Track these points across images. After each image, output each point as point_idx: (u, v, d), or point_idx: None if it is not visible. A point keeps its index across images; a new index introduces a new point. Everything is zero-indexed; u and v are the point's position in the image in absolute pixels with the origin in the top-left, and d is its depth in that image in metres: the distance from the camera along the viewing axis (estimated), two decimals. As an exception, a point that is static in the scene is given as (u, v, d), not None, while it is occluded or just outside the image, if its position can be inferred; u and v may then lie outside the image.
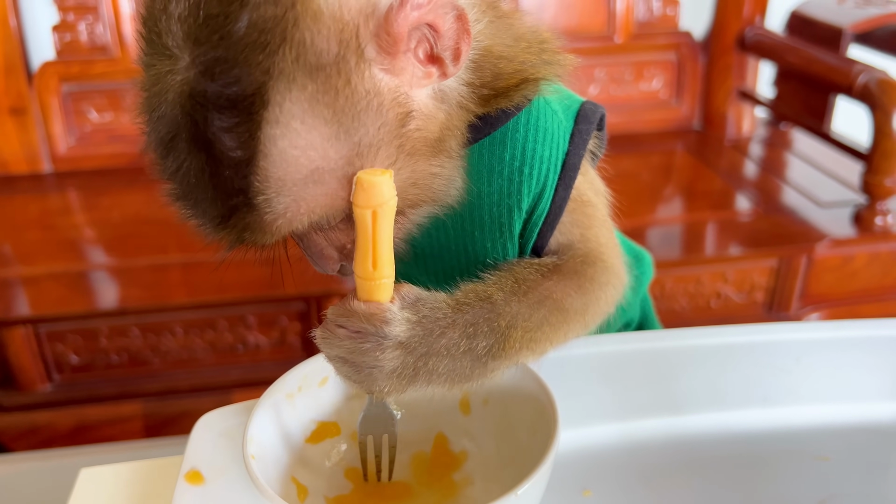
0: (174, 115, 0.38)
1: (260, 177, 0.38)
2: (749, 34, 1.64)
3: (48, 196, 1.47)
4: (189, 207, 0.41)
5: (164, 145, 0.39)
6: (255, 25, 0.37)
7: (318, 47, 0.38)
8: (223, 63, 0.37)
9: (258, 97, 0.37)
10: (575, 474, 0.52)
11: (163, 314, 1.20)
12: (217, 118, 0.37)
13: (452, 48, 0.41)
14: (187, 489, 0.44)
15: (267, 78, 0.37)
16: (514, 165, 0.48)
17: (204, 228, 0.41)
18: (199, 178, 0.39)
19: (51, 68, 1.49)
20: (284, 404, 0.48)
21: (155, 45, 0.39)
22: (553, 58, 0.48)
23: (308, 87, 0.38)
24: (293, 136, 0.38)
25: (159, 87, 0.39)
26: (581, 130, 0.50)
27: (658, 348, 0.58)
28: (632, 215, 0.57)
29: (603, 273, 0.51)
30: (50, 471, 0.66)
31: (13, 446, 1.19)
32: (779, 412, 0.59)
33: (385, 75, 0.40)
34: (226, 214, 0.40)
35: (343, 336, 0.41)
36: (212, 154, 0.38)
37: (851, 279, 1.38)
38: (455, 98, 0.43)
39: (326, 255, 0.45)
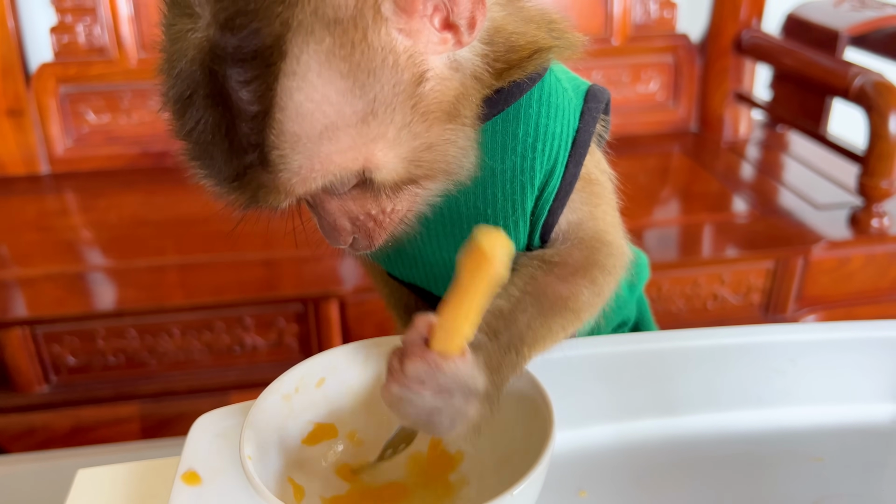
0: (192, 71, 0.38)
1: (275, 131, 0.38)
2: (746, 37, 1.65)
3: (45, 197, 1.47)
4: (204, 166, 0.41)
5: (182, 102, 0.39)
6: None
7: (337, 1, 0.38)
8: (243, 15, 0.37)
9: (276, 49, 0.37)
10: (570, 475, 0.52)
11: (160, 315, 1.20)
12: (235, 72, 0.37)
13: (468, 17, 0.41)
14: (184, 490, 0.44)
15: (285, 30, 0.37)
16: (527, 142, 0.49)
17: (218, 188, 0.41)
18: (214, 135, 0.39)
19: (48, 70, 1.49)
20: (281, 405, 0.48)
21: (178, 5, 0.39)
22: (562, 35, 0.49)
23: (325, 41, 0.38)
24: (309, 90, 0.38)
25: (179, 46, 0.39)
26: (591, 108, 0.51)
27: (654, 349, 0.58)
28: (628, 217, 0.57)
29: (609, 257, 0.52)
30: (47, 472, 0.66)
31: (10, 447, 1.19)
32: (774, 413, 0.59)
33: (401, 35, 0.40)
34: (240, 172, 0.40)
35: (429, 395, 0.40)
36: (229, 109, 0.38)
37: (847, 281, 1.38)
38: (469, 68, 0.44)
39: (339, 226, 0.45)
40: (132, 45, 1.51)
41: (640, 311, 0.70)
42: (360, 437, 0.51)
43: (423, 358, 0.41)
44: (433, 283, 0.57)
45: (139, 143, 1.56)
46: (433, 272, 0.55)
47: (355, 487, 0.49)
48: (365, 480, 0.49)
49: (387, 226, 0.46)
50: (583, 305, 0.50)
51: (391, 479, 0.50)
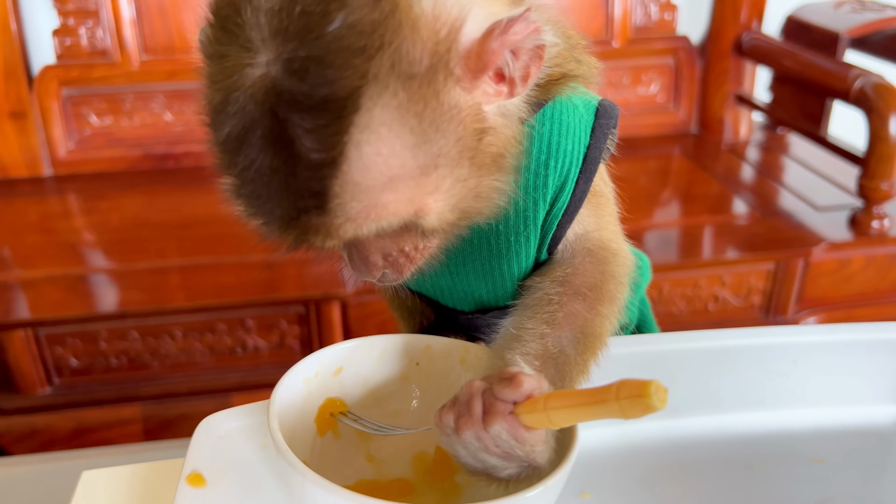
0: (252, 110, 0.37)
1: (339, 181, 0.37)
2: (746, 39, 1.65)
3: (48, 200, 1.48)
4: (253, 206, 0.40)
5: (236, 140, 0.38)
6: (353, 28, 0.36)
7: (413, 57, 0.37)
8: (317, 63, 0.36)
9: (350, 101, 0.36)
10: (573, 477, 0.53)
11: (162, 317, 1.20)
12: (302, 118, 0.36)
13: (523, 69, 0.41)
14: (189, 492, 0.45)
15: (362, 83, 0.36)
16: (540, 159, 0.49)
17: (267, 228, 0.40)
18: (270, 178, 0.38)
19: (51, 72, 1.50)
20: (301, 387, 0.48)
21: (232, 36, 0.38)
22: (581, 56, 0.49)
23: (399, 95, 0.37)
24: (379, 143, 0.37)
25: (234, 81, 0.37)
26: (602, 125, 0.51)
27: (655, 351, 0.58)
28: (629, 219, 0.58)
29: (618, 266, 0.52)
30: (50, 474, 0.67)
31: (12, 449, 1.19)
32: (775, 415, 0.59)
33: (465, 92, 0.40)
34: (294, 216, 0.39)
35: (495, 458, 0.41)
36: (290, 153, 0.37)
37: (848, 283, 1.39)
38: (515, 113, 0.44)
39: (371, 262, 0.45)
40: (134, 48, 1.52)
41: (642, 313, 0.71)
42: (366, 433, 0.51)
43: (511, 425, 0.40)
44: (440, 294, 0.58)
45: (141, 145, 1.57)
46: (440, 284, 0.56)
47: (362, 481, 0.49)
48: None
49: (417, 260, 0.46)
50: (608, 328, 0.50)
51: (398, 475, 0.50)
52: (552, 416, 0.39)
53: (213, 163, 0.41)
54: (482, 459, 0.41)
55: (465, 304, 0.57)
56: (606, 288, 0.51)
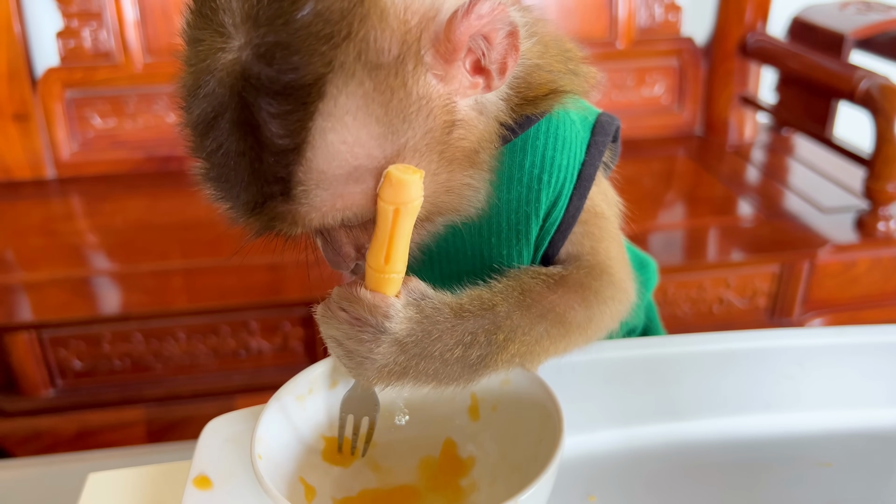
0: (221, 93, 0.38)
1: (303, 168, 0.38)
2: (751, 40, 1.65)
3: (51, 202, 1.48)
4: (221, 189, 0.40)
5: (205, 123, 0.39)
6: (321, 15, 0.36)
7: (381, 46, 0.38)
8: (284, 48, 0.36)
9: (315, 88, 0.37)
10: (580, 480, 0.52)
11: (165, 320, 1.20)
12: (268, 103, 0.37)
13: (500, 62, 0.41)
14: (196, 494, 0.45)
15: (327, 70, 0.37)
16: (533, 173, 0.49)
17: (233, 212, 0.41)
18: (237, 162, 0.38)
19: (54, 74, 1.50)
20: (294, 406, 0.48)
21: (208, 20, 0.38)
22: (578, 68, 0.49)
23: (365, 84, 0.38)
24: (343, 132, 0.38)
25: (207, 64, 0.38)
26: (598, 142, 0.50)
27: (662, 354, 0.58)
28: (634, 221, 0.57)
29: (609, 287, 0.51)
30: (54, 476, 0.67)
31: (16, 451, 1.19)
32: (782, 418, 0.59)
33: (437, 82, 0.40)
34: (259, 201, 0.39)
35: (343, 320, 0.42)
36: (257, 138, 0.38)
37: (853, 285, 1.38)
38: (493, 111, 0.44)
39: (345, 253, 0.45)
40: (138, 50, 1.52)
41: (649, 316, 0.70)
42: (372, 440, 0.51)
43: (349, 285, 0.42)
44: None
45: (144, 147, 1.57)
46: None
47: (366, 490, 0.49)
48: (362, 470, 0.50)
49: None
50: (572, 319, 0.49)
51: (403, 482, 0.50)
52: (368, 260, 0.41)
53: (185, 145, 0.41)
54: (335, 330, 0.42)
55: None
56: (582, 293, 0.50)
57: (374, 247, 0.40)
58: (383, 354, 0.42)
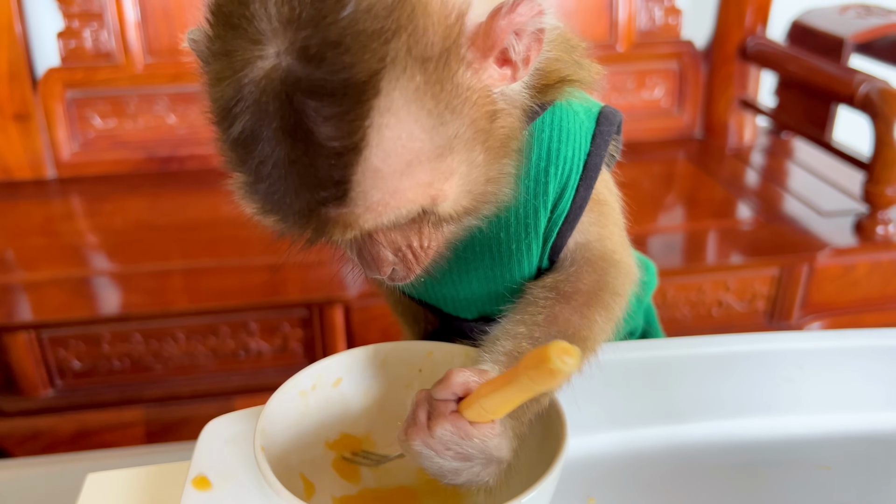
0: (264, 102, 0.36)
1: (360, 168, 0.37)
2: (751, 43, 1.65)
3: (51, 202, 1.48)
4: (269, 202, 0.39)
5: (250, 136, 0.37)
6: (368, 12, 0.36)
7: (428, 40, 0.37)
8: (334, 47, 0.35)
9: (371, 84, 0.36)
10: (579, 482, 0.52)
11: (165, 320, 1.20)
12: (319, 105, 0.36)
13: (525, 54, 0.41)
14: (195, 495, 0.45)
15: (381, 66, 0.36)
16: (540, 166, 0.49)
17: (284, 224, 0.40)
18: (287, 171, 0.37)
19: (55, 75, 1.50)
20: (298, 401, 0.48)
21: (239, 31, 0.37)
22: (582, 60, 0.49)
23: (416, 78, 0.37)
24: (398, 127, 0.37)
25: (244, 75, 0.37)
26: (602, 132, 0.51)
27: (662, 357, 0.58)
28: (633, 223, 0.57)
29: (620, 276, 0.52)
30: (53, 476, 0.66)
31: (15, 452, 1.19)
32: (782, 421, 0.59)
33: (474, 74, 0.40)
34: (313, 208, 0.38)
35: (451, 458, 0.41)
36: (309, 143, 0.36)
37: (852, 288, 1.38)
38: (519, 100, 0.44)
39: (382, 258, 0.44)
40: (139, 51, 1.52)
41: (648, 319, 0.70)
42: (373, 439, 0.51)
43: (454, 424, 0.40)
44: (443, 302, 0.57)
45: (145, 147, 1.57)
46: (443, 292, 0.55)
47: (366, 489, 0.49)
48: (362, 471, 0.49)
49: (424, 259, 0.46)
50: (597, 334, 0.50)
51: (401, 483, 0.50)
52: (484, 404, 0.39)
53: (223, 161, 0.40)
54: (440, 465, 0.41)
55: (468, 312, 0.57)
56: (599, 296, 0.50)
57: (500, 400, 0.39)
58: (490, 475, 0.42)
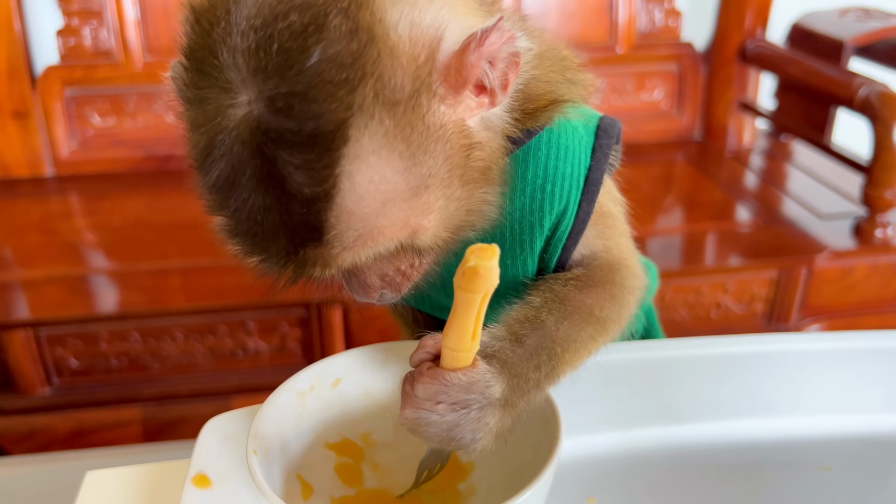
0: (238, 151, 0.37)
1: (334, 213, 0.38)
2: (750, 46, 1.65)
3: (49, 200, 1.47)
4: (249, 245, 0.40)
5: (226, 183, 0.38)
6: (332, 60, 0.36)
7: (395, 83, 0.37)
8: (300, 98, 0.36)
9: (339, 133, 0.36)
10: (579, 482, 0.52)
11: (163, 319, 1.20)
12: (290, 154, 0.36)
13: (501, 79, 0.41)
14: (195, 493, 0.44)
15: (349, 114, 0.36)
16: (536, 183, 0.49)
17: (265, 264, 0.41)
18: (264, 216, 0.38)
19: (54, 72, 1.49)
20: (295, 402, 0.48)
21: (210, 78, 0.38)
22: (575, 77, 0.49)
23: (385, 123, 0.37)
24: (370, 171, 0.38)
25: (217, 123, 0.37)
26: (602, 145, 0.50)
27: (662, 357, 0.58)
28: (632, 225, 0.57)
29: (629, 277, 0.52)
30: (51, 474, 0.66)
31: (12, 450, 1.18)
32: (781, 422, 0.59)
33: (448, 109, 0.40)
34: (290, 250, 0.39)
35: (444, 411, 0.40)
36: (282, 190, 0.37)
37: (851, 291, 1.38)
38: (499, 125, 0.44)
39: (369, 284, 0.45)
40: (138, 49, 1.52)
41: (648, 321, 0.70)
42: (373, 439, 0.51)
43: (431, 376, 0.41)
44: (437, 310, 0.58)
45: (144, 146, 1.57)
46: (438, 301, 0.55)
47: (364, 490, 0.49)
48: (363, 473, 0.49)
49: (413, 277, 0.46)
50: (608, 316, 0.49)
51: (401, 483, 0.50)
52: (448, 343, 0.40)
53: (205, 205, 0.41)
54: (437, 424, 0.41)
55: None
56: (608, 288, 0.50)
57: (456, 330, 0.39)
58: (498, 420, 0.42)
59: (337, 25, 0.36)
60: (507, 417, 0.42)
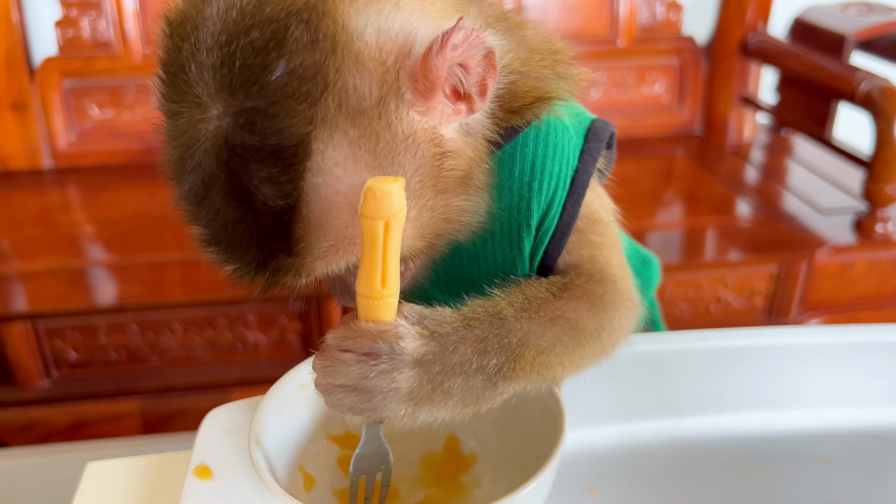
0: (208, 165, 0.38)
1: (301, 225, 0.38)
2: (752, 40, 1.65)
3: (48, 192, 1.47)
4: (223, 254, 0.40)
5: (198, 195, 0.39)
6: (294, 74, 0.36)
7: (360, 92, 0.37)
8: (262, 114, 0.36)
9: (301, 147, 0.36)
10: (582, 475, 0.52)
11: (162, 312, 1.19)
12: (257, 168, 0.36)
13: (479, 84, 0.41)
14: (196, 484, 0.44)
15: (310, 128, 0.36)
16: (523, 181, 0.48)
17: (239, 273, 0.41)
18: (235, 227, 0.38)
19: (52, 64, 1.49)
20: (296, 394, 0.48)
21: (182, 93, 0.38)
22: (567, 71, 0.48)
23: (350, 133, 0.37)
24: (335, 183, 0.38)
25: (189, 137, 0.38)
26: (591, 148, 0.49)
27: (665, 350, 0.58)
28: (632, 220, 0.56)
29: (615, 294, 0.49)
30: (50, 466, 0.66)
31: (10, 441, 1.18)
32: (784, 416, 0.59)
33: (420, 116, 0.39)
34: (262, 260, 0.39)
35: (351, 360, 0.38)
36: (250, 203, 0.37)
37: (851, 286, 1.38)
38: (480, 130, 0.43)
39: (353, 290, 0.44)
40: (137, 41, 1.51)
41: (651, 314, 0.70)
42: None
43: (343, 325, 0.39)
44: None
45: (142, 138, 1.56)
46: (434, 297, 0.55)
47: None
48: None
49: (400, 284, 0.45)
50: (583, 327, 0.46)
51: (404, 476, 0.50)
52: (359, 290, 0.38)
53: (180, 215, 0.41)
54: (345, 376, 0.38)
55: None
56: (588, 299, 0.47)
57: (365, 273, 0.37)
58: (407, 379, 0.39)
59: (298, 38, 0.36)
60: (422, 384, 0.39)
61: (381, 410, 0.39)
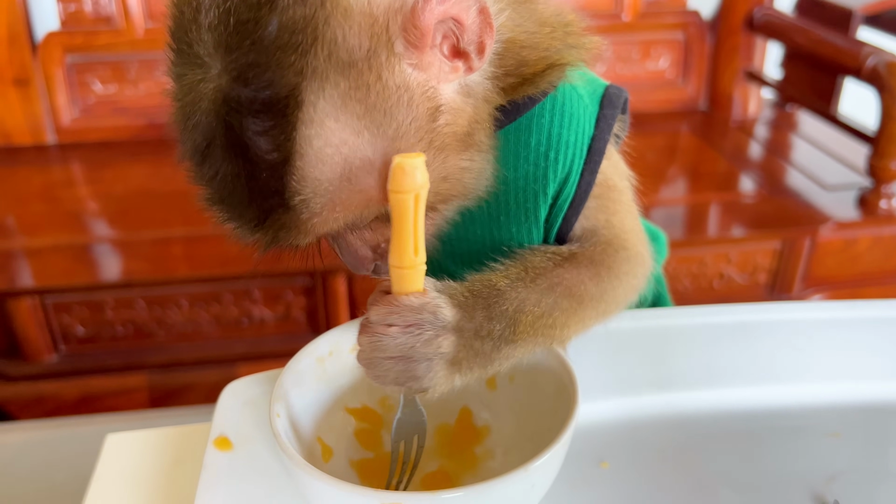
0: (208, 122, 0.38)
1: (296, 177, 0.39)
2: (758, 14, 1.64)
3: (52, 168, 1.47)
4: (225, 212, 0.41)
5: (200, 153, 0.40)
6: (285, 27, 0.37)
7: (350, 43, 0.38)
8: (255, 67, 0.37)
9: (292, 99, 0.37)
10: (593, 446, 0.53)
11: (168, 287, 1.20)
12: (251, 122, 0.37)
13: (476, 42, 0.41)
14: (217, 455, 0.45)
15: (300, 79, 0.37)
16: (539, 151, 0.48)
17: (240, 231, 0.42)
18: (235, 183, 0.39)
19: (55, 39, 1.48)
20: (315, 367, 0.48)
21: (185, 55, 0.39)
22: (578, 41, 0.48)
23: (341, 85, 0.38)
24: (327, 135, 0.38)
25: (192, 97, 0.39)
26: (606, 115, 0.50)
27: (672, 325, 0.59)
28: (637, 195, 0.57)
29: (625, 262, 0.51)
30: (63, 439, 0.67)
31: (19, 415, 1.19)
32: (789, 389, 0.60)
33: (413, 70, 0.40)
34: (262, 217, 0.40)
35: (397, 333, 0.41)
36: (248, 158, 0.38)
37: (854, 262, 1.39)
38: (481, 92, 0.44)
39: (361, 255, 0.45)
40: (139, 15, 1.50)
41: (657, 289, 0.71)
42: (390, 403, 0.51)
43: (382, 300, 0.41)
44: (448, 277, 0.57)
45: (146, 114, 1.55)
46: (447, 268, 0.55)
47: (383, 453, 0.49)
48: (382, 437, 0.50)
49: None
50: (584, 293, 0.48)
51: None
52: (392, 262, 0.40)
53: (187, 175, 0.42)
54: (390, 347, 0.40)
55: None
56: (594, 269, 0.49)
57: (397, 245, 0.39)
58: (451, 345, 0.41)
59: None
60: (462, 349, 0.42)
61: (424, 378, 0.41)
